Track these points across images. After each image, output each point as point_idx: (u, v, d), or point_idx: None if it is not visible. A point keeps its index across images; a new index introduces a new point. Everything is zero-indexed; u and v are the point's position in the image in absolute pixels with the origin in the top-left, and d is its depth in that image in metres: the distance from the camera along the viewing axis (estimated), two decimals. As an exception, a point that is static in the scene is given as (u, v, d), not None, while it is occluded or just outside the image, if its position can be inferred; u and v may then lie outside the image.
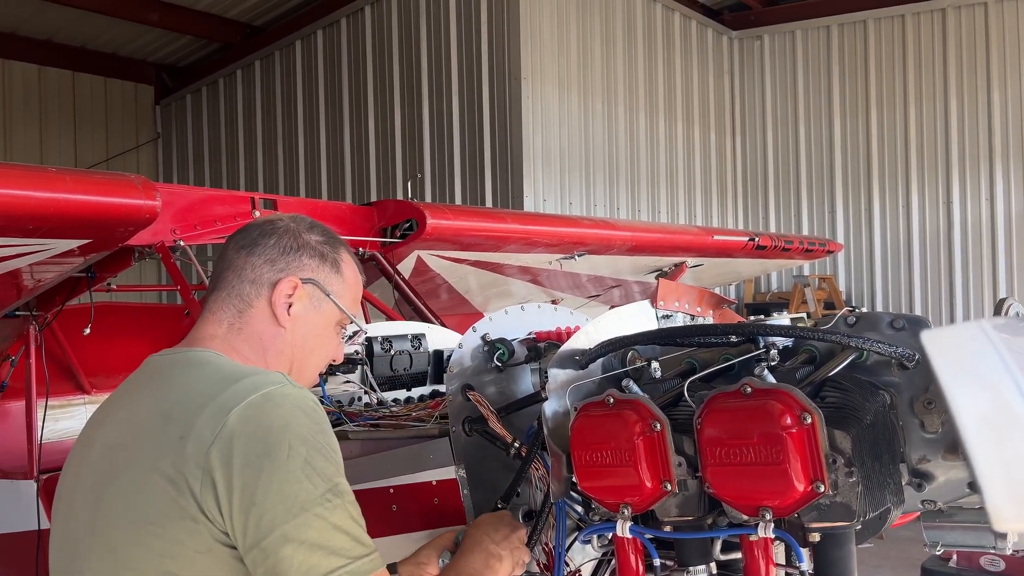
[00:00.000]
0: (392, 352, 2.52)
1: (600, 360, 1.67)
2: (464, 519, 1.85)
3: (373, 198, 3.58)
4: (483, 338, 1.98)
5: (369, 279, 3.44)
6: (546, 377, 1.62)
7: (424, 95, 8.03)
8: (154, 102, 11.22)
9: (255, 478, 1.15)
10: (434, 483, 1.88)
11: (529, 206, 7.47)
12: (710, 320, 2.17)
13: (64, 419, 3.70)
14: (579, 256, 4.37)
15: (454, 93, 7.80)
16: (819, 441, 1.19)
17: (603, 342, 1.66)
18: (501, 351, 1.96)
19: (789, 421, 1.20)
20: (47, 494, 3.27)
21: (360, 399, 2.39)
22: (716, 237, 5.10)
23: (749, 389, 1.25)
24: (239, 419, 1.19)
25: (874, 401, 1.29)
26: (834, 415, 1.25)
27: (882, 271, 9.31)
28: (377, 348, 2.51)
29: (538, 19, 7.55)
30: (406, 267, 3.70)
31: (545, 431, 1.52)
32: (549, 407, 1.54)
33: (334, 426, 2.13)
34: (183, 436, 1.19)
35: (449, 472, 1.87)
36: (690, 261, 5.28)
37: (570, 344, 1.68)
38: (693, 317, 2.12)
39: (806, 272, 9.48)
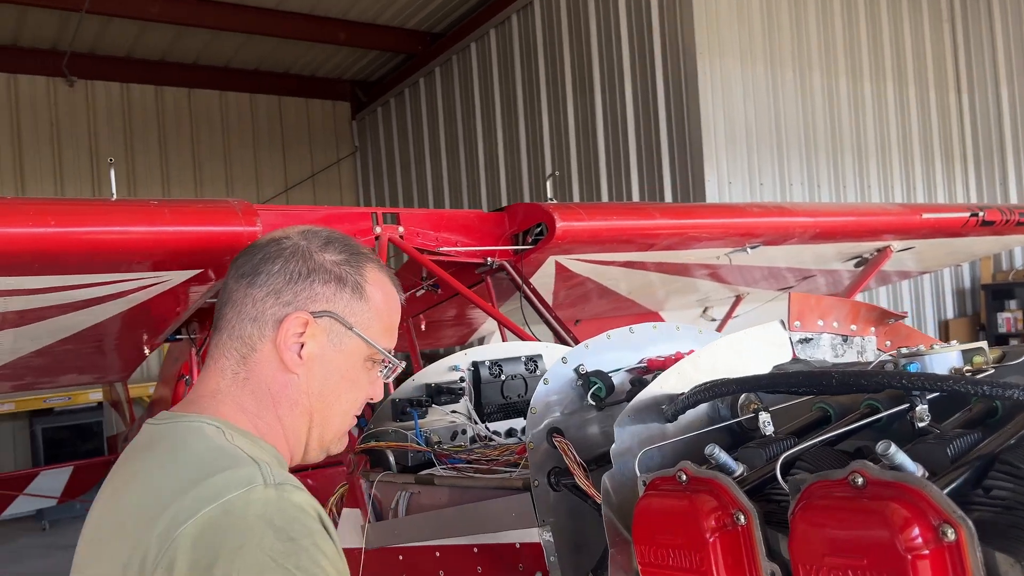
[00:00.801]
0: (503, 377, 2.27)
1: (703, 409, 1.31)
2: (551, 591, 1.55)
3: (550, 198, 3.37)
4: (576, 370, 1.66)
5: (506, 293, 3.21)
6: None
7: (596, 84, 7.70)
8: (350, 117, 11.82)
9: None
10: (518, 546, 1.60)
11: (712, 191, 6.90)
12: (871, 342, 1.69)
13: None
14: (752, 248, 3.85)
15: (626, 78, 7.40)
16: (967, 569, 0.77)
17: (699, 387, 1.29)
18: (598, 386, 1.63)
19: (918, 536, 0.79)
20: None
21: (464, 432, 2.15)
22: (926, 215, 4.31)
23: (860, 480, 0.85)
24: (186, 541, 0.94)
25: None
26: (999, 525, 0.81)
27: None
28: (485, 373, 2.26)
29: (713, -12, 6.95)
30: (546, 274, 3.42)
31: (606, 510, 1.19)
32: (612, 478, 1.20)
33: (423, 467, 1.94)
34: (129, 559, 0.97)
35: (534, 534, 1.58)
36: (895, 244, 4.52)
37: (653, 389, 1.32)
38: (845, 339, 1.66)
39: (1062, 244, 8.00)
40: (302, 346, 1.17)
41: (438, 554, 1.76)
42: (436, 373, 2.22)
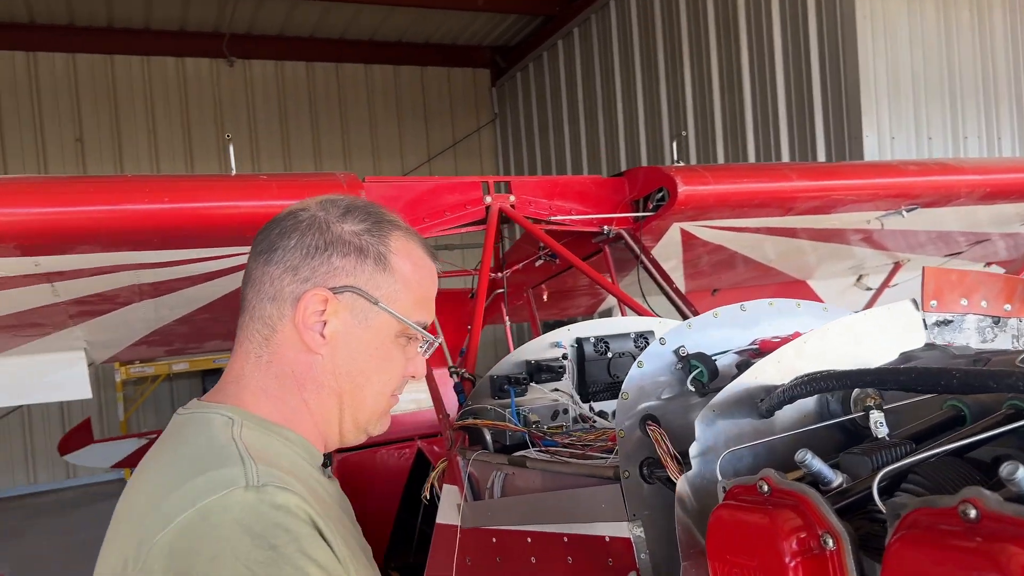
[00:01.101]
0: (610, 355, 2.13)
1: (811, 405, 1.14)
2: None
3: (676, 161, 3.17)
4: (676, 352, 1.51)
5: (630, 264, 3.05)
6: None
7: (742, 35, 7.23)
8: (490, 84, 11.83)
9: None
10: (607, 539, 1.48)
11: (871, 149, 6.32)
12: (1030, 322, 1.42)
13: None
14: (908, 211, 3.47)
15: (775, 27, 6.88)
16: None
17: (800, 379, 1.11)
18: (699, 370, 1.47)
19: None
20: (338, 474, 3.48)
21: (566, 412, 2.05)
22: None
23: (973, 512, 0.67)
24: (162, 549, 0.89)
25: None
26: None
27: None
28: (590, 350, 2.14)
29: (874, -78, 6.29)
30: (672, 242, 3.23)
31: (681, 516, 1.05)
32: (690, 481, 1.06)
33: (519, 448, 1.85)
34: (117, 560, 0.93)
35: (625, 528, 1.45)
36: (1089, 205, 3.94)
37: (746, 379, 1.16)
38: (997, 321, 1.41)
39: None
40: (324, 324, 1.10)
41: (529, 540, 1.68)
42: (537, 349, 2.12)
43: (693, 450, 1.08)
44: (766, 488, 0.91)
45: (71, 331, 3.08)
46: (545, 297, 3.90)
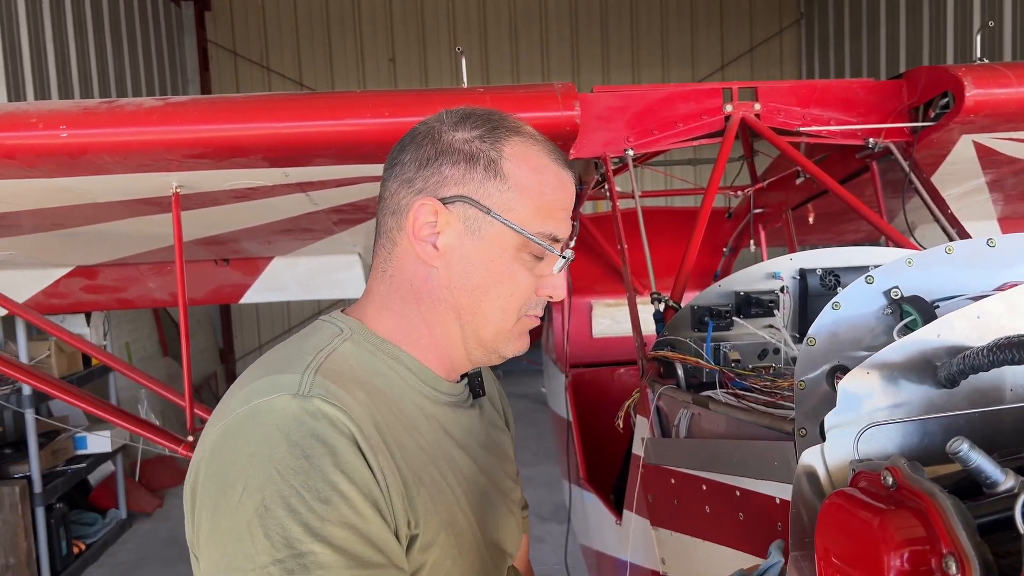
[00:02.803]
0: (840, 290, 1.83)
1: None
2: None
3: (978, 58, 2.60)
4: (887, 294, 1.24)
5: (893, 187, 2.61)
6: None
7: None
8: (797, -19, 10.71)
9: (207, 521, 0.90)
10: (777, 501, 1.29)
11: None
12: None
13: (605, 319, 3.91)
14: None
15: None
16: None
17: (1004, 340, 0.84)
18: (912, 318, 1.20)
19: None
20: (573, 388, 3.53)
21: (777, 351, 1.81)
22: None
23: (891, 480, 0.62)
24: (212, 438, 0.94)
25: None
26: None
27: None
28: (814, 283, 1.86)
29: None
30: (964, 158, 2.68)
31: (796, 497, 0.86)
32: (814, 456, 0.86)
33: (711, 386, 1.67)
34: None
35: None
36: None
37: (924, 335, 0.91)
38: None
39: None
40: (438, 236, 1.07)
41: (704, 488, 1.54)
42: (750, 279, 1.89)
43: (831, 419, 0.87)
44: (891, 481, 0.70)
45: (340, 236, 3.41)
46: (811, 220, 3.50)
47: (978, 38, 2.59)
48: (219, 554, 0.87)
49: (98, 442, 5.74)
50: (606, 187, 2.50)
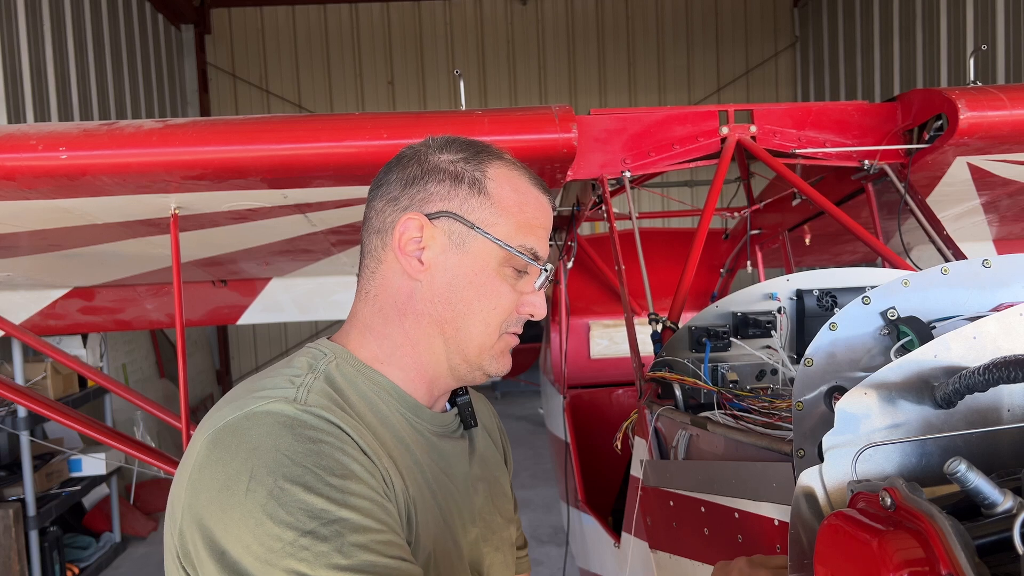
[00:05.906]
0: (836, 311, 1.84)
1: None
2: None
3: (972, 81, 2.63)
4: (883, 315, 1.25)
5: (888, 208, 2.62)
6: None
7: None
8: (792, 4, 10.81)
9: (214, 525, 0.89)
10: (776, 523, 1.29)
11: None
12: None
13: (603, 340, 3.90)
14: None
15: None
16: None
17: (1000, 361, 0.85)
18: (909, 339, 1.21)
19: None
20: (571, 409, 3.52)
21: (774, 372, 1.81)
22: None
23: (889, 500, 0.64)
24: (207, 438, 0.94)
25: None
26: None
27: None
28: (811, 304, 1.87)
29: None
30: (959, 179, 2.70)
31: (795, 518, 0.85)
32: (812, 477, 0.86)
33: (708, 407, 1.67)
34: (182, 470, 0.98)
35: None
36: None
37: (921, 355, 0.91)
38: None
39: None
40: (423, 251, 1.09)
41: (703, 509, 1.54)
42: (748, 300, 1.90)
43: (828, 439, 0.87)
44: (888, 501, 0.70)
45: (338, 258, 3.41)
46: (807, 241, 3.52)
47: (971, 61, 2.60)
48: (241, 547, 0.85)
49: (93, 464, 5.70)
50: (603, 208, 2.50)
